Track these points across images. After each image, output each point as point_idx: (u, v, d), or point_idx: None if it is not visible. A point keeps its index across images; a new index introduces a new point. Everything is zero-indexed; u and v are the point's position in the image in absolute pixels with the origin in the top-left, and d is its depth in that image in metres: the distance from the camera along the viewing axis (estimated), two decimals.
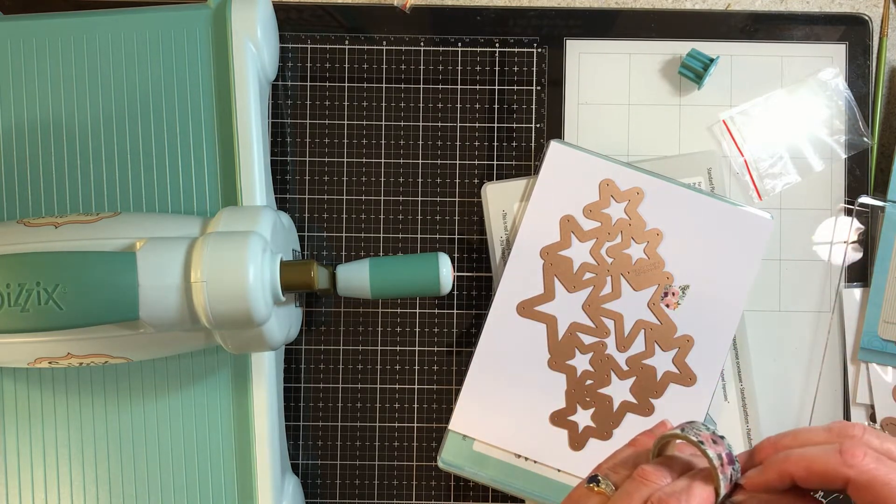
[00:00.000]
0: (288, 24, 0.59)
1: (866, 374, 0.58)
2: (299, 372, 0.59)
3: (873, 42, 0.59)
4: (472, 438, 0.56)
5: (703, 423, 0.37)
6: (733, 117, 0.59)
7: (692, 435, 0.36)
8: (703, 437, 0.36)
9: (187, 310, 0.45)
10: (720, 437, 0.36)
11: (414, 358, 0.59)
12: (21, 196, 0.55)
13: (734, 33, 0.59)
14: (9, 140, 0.55)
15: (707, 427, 0.36)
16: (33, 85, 0.55)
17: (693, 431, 0.36)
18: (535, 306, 0.56)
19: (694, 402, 0.56)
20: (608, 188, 0.57)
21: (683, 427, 0.36)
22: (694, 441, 0.35)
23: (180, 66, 0.54)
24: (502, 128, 0.59)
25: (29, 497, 0.54)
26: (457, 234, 0.59)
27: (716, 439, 0.36)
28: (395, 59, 0.59)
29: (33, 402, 0.54)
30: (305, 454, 0.59)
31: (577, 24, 0.59)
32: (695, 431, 0.36)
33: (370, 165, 0.59)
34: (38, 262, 0.43)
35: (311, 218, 0.59)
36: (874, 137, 0.59)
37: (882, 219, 0.58)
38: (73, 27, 0.55)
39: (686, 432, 0.36)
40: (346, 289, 0.49)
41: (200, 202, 0.54)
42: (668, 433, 0.37)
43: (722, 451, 0.35)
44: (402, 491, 0.59)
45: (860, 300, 0.58)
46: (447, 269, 0.49)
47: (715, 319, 0.56)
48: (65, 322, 0.43)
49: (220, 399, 0.54)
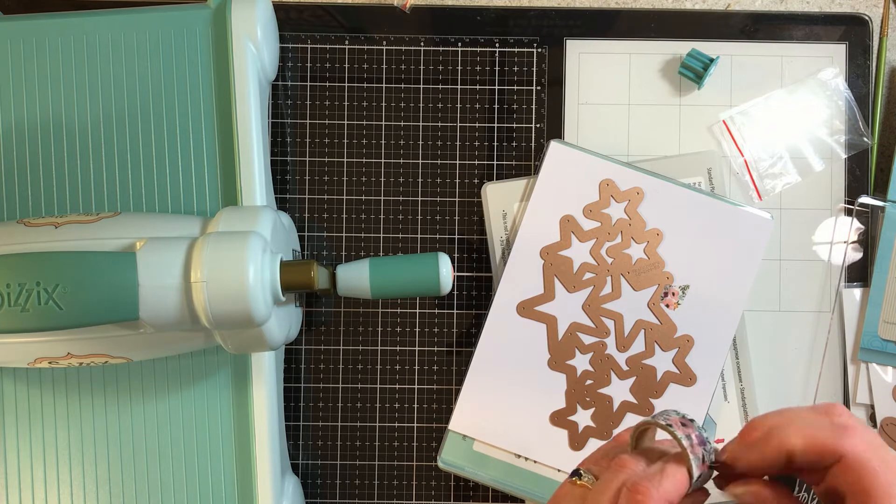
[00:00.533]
0: (288, 24, 0.59)
1: (866, 374, 0.58)
2: (299, 372, 0.59)
3: (873, 42, 0.59)
4: (472, 438, 0.56)
5: (674, 410, 0.38)
6: (733, 117, 0.59)
7: (661, 420, 0.36)
8: (672, 420, 0.36)
9: (187, 310, 0.45)
10: (690, 420, 0.37)
11: (414, 358, 0.59)
12: (21, 196, 0.55)
13: (734, 33, 0.59)
14: (9, 140, 0.55)
15: (677, 412, 0.37)
16: (33, 85, 0.55)
17: (662, 417, 0.37)
18: (535, 306, 0.56)
19: (694, 402, 0.56)
20: (608, 188, 0.57)
21: (654, 416, 0.37)
22: (662, 425, 0.36)
23: (180, 66, 0.54)
24: (502, 128, 0.59)
25: (29, 497, 0.54)
26: (457, 234, 0.59)
27: (685, 422, 0.37)
28: (395, 59, 0.59)
29: (33, 402, 0.54)
30: (305, 454, 0.59)
31: (577, 24, 0.59)
32: (664, 417, 0.37)
33: (370, 165, 0.59)
34: (38, 262, 0.43)
35: (311, 218, 0.59)
36: (874, 137, 0.59)
37: (882, 219, 0.58)
38: (73, 27, 0.55)
39: (655, 418, 0.37)
40: (346, 289, 0.49)
41: (200, 202, 0.54)
42: (640, 422, 0.38)
43: (692, 433, 0.36)
44: (402, 491, 0.59)
45: (860, 300, 0.58)
46: (447, 269, 0.49)
47: (715, 319, 0.56)
48: (65, 322, 0.43)
49: (220, 399, 0.54)
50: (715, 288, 0.56)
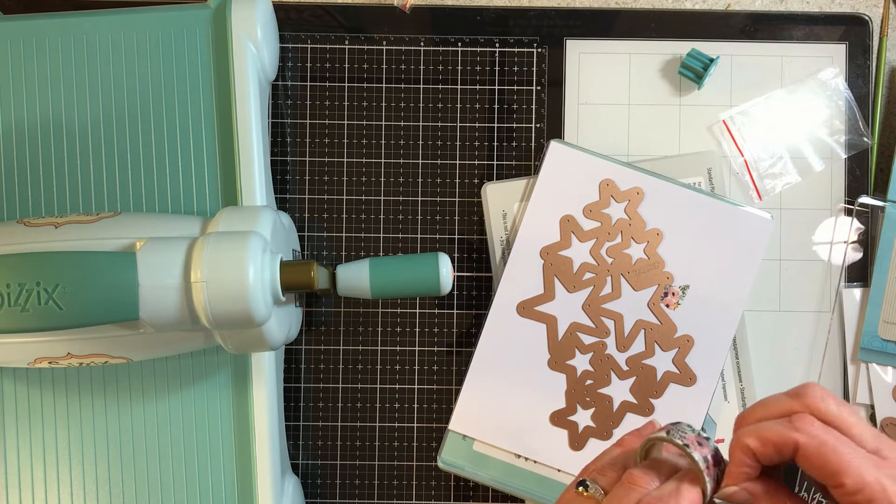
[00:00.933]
0: (288, 24, 0.59)
1: (866, 374, 0.58)
2: (299, 372, 0.59)
3: (873, 42, 0.59)
4: (472, 438, 0.56)
5: (688, 425, 0.37)
6: (733, 117, 0.59)
7: (678, 438, 0.36)
8: (689, 439, 0.36)
9: (187, 310, 0.45)
10: (706, 439, 0.37)
11: (414, 358, 0.59)
12: (21, 196, 0.55)
13: (734, 33, 0.59)
14: (9, 140, 0.55)
15: (692, 428, 0.37)
16: (33, 85, 0.55)
17: (678, 434, 0.36)
18: (535, 306, 0.56)
19: (694, 402, 0.56)
20: (608, 188, 0.57)
21: (669, 429, 0.37)
22: (679, 445, 0.36)
23: (180, 66, 0.54)
24: (502, 128, 0.59)
25: (29, 497, 0.54)
26: (457, 234, 0.59)
27: (701, 441, 0.36)
28: (395, 59, 0.59)
29: (33, 402, 0.54)
30: (305, 454, 0.59)
31: (577, 24, 0.59)
32: (680, 434, 0.36)
33: (370, 165, 0.59)
34: (38, 262, 0.43)
35: (311, 218, 0.59)
36: (874, 137, 0.59)
37: (882, 219, 0.58)
38: (73, 27, 0.55)
39: (671, 435, 0.36)
40: (346, 289, 0.49)
41: (200, 202, 0.54)
42: (654, 436, 0.37)
43: (707, 454, 0.36)
44: (402, 491, 0.59)
45: (860, 300, 0.58)
46: (447, 269, 0.49)
47: (715, 319, 0.56)
48: (65, 322, 0.43)
49: (220, 399, 0.54)
50: (715, 288, 0.56)
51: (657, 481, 0.37)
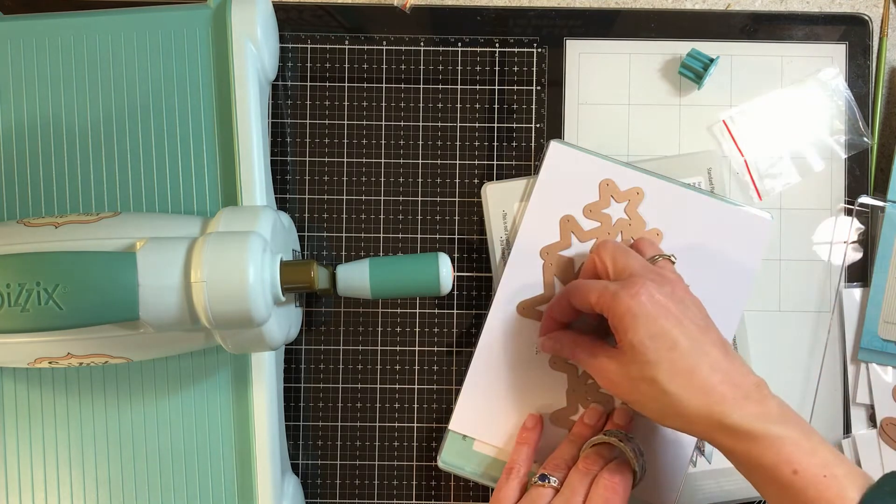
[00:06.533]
0: (288, 24, 0.59)
1: (866, 374, 0.58)
2: (299, 372, 0.59)
3: (873, 42, 0.59)
4: (472, 438, 0.56)
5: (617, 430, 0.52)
6: (733, 117, 0.59)
7: (614, 437, 0.51)
8: (621, 437, 0.51)
9: (187, 310, 0.45)
10: (630, 438, 0.51)
11: (414, 358, 0.59)
12: (21, 196, 0.55)
13: (734, 33, 0.59)
14: (9, 140, 0.55)
15: (621, 432, 0.52)
16: (33, 85, 0.55)
17: (612, 435, 0.51)
18: (536, 306, 0.56)
19: None
20: (608, 188, 0.57)
21: (605, 432, 0.52)
22: (616, 442, 0.51)
23: (180, 66, 0.54)
24: (502, 128, 0.59)
25: (29, 497, 0.54)
26: (457, 234, 0.59)
27: (629, 438, 0.51)
28: (395, 59, 0.59)
29: (33, 402, 0.54)
30: (305, 454, 0.59)
31: (577, 24, 0.59)
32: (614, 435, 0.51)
33: (370, 165, 0.59)
34: (38, 262, 0.43)
35: (311, 218, 0.59)
36: (874, 137, 0.59)
37: (882, 219, 0.58)
38: (73, 27, 0.55)
39: (608, 435, 0.51)
40: (346, 289, 0.49)
41: (200, 202, 0.54)
42: (595, 439, 0.52)
43: (634, 447, 0.51)
44: (402, 491, 0.59)
45: (860, 300, 0.58)
46: (447, 269, 0.49)
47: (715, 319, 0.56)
48: (65, 322, 0.43)
49: (220, 399, 0.54)
50: (715, 288, 0.56)
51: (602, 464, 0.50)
